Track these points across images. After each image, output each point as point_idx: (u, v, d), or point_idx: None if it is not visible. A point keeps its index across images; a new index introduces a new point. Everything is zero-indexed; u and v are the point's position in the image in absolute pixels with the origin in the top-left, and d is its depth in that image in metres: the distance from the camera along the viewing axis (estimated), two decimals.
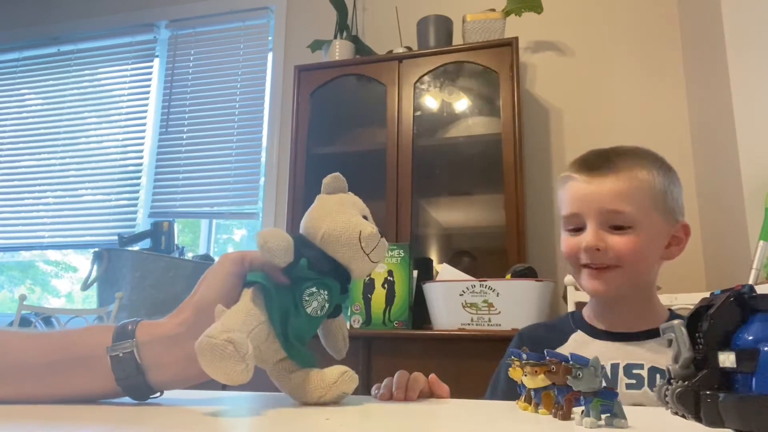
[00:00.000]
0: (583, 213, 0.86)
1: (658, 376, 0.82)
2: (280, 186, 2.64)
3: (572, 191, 0.88)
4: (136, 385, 0.54)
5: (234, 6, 2.91)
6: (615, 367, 0.84)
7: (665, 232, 0.87)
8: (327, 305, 0.58)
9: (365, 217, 0.62)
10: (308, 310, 0.57)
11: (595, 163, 0.88)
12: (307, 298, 0.57)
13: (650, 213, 0.84)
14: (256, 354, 0.56)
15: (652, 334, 0.85)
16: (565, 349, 0.89)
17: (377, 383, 0.68)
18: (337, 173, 0.63)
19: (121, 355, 0.53)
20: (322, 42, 2.45)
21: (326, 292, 0.58)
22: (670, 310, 0.93)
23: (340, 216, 0.59)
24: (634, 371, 0.83)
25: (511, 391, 0.92)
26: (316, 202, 0.62)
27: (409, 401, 0.63)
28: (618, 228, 0.84)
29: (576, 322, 0.94)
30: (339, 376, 0.57)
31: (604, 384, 0.44)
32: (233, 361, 0.48)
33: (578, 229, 0.87)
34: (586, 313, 0.94)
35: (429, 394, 0.67)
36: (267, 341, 0.56)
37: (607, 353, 0.86)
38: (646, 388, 0.82)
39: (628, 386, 0.82)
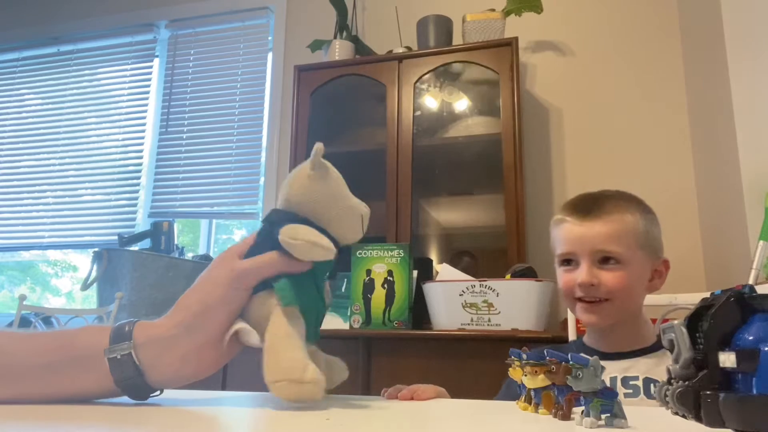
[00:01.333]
0: (576, 252, 0.97)
1: (652, 385, 0.91)
2: (280, 186, 2.64)
3: (565, 233, 1.00)
4: (135, 385, 0.54)
5: (234, 6, 2.91)
6: (613, 380, 0.94)
7: (649, 267, 0.98)
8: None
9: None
10: (326, 300, 0.61)
11: (586, 207, 0.99)
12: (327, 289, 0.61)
13: (635, 251, 0.96)
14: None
15: (644, 352, 0.97)
16: None
17: (384, 386, 0.70)
18: (318, 143, 0.59)
19: (119, 357, 0.53)
20: (322, 42, 2.45)
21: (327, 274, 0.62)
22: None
23: (344, 201, 0.60)
24: (631, 382, 0.93)
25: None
26: (313, 180, 0.59)
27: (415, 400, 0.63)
28: (607, 264, 0.95)
29: (578, 346, 1.06)
30: (341, 365, 0.63)
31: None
32: (318, 395, 0.50)
33: (572, 265, 0.99)
34: (586, 339, 1.06)
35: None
36: None
37: (606, 370, 0.92)
38: (642, 395, 0.91)
39: (626, 395, 0.92)
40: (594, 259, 0.95)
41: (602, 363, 0.92)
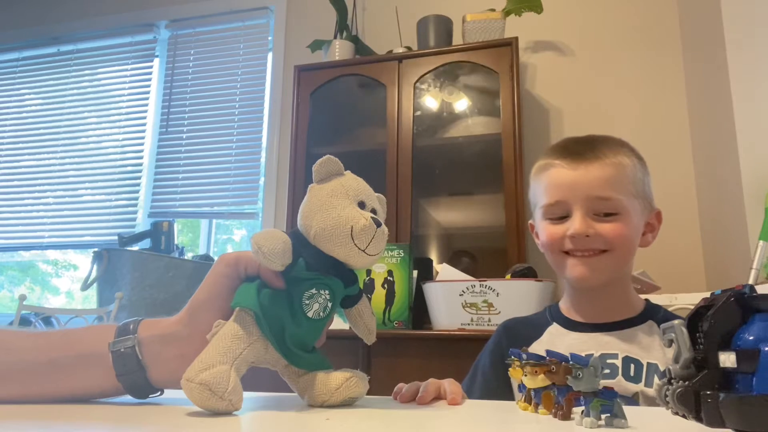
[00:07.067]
0: (569, 200, 0.84)
1: (632, 365, 0.81)
2: (280, 186, 2.65)
3: (555, 178, 0.86)
4: (136, 381, 0.54)
5: (234, 6, 2.91)
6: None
7: (643, 219, 0.88)
8: (330, 305, 0.56)
9: (362, 203, 0.56)
10: (309, 314, 0.54)
11: (578, 149, 0.86)
12: (307, 302, 0.54)
13: (632, 199, 0.85)
14: (262, 361, 0.55)
15: (627, 323, 0.85)
16: (540, 343, 0.90)
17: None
18: (328, 156, 0.57)
19: (122, 350, 0.54)
20: (322, 42, 2.45)
21: (327, 292, 0.55)
22: (646, 300, 0.91)
23: (330, 211, 0.54)
24: (608, 361, 0.82)
25: (489, 390, 0.91)
26: (307, 195, 0.57)
27: (419, 403, 0.61)
28: (605, 215, 0.83)
29: (553, 315, 0.93)
30: (343, 381, 0.55)
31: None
32: (213, 402, 0.49)
33: (562, 218, 0.85)
34: (563, 305, 0.94)
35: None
36: (268, 352, 0.55)
37: (581, 345, 0.86)
38: (620, 377, 0.81)
39: (603, 376, 0.82)
40: (589, 207, 0.83)
41: (578, 336, 0.87)
